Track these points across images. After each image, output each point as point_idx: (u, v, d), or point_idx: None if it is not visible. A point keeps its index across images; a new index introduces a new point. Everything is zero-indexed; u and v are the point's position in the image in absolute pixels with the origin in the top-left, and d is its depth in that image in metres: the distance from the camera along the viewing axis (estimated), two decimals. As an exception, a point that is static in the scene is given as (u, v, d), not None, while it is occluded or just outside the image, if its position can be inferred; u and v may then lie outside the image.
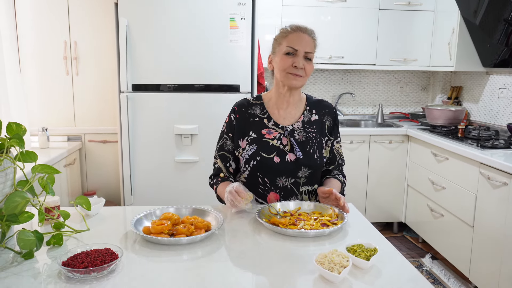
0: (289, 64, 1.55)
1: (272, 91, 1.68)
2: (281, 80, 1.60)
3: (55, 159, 2.72)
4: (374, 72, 3.96)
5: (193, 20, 2.81)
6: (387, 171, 3.44)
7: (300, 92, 1.69)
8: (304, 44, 1.56)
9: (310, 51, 1.57)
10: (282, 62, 1.57)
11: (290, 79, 1.57)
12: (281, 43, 1.59)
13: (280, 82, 1.61)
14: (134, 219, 1.32)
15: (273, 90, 1.68)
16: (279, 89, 1.64)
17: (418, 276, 1.07)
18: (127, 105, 2.82)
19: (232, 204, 1.45)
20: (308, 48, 1.56)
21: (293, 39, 1.56)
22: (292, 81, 1.57)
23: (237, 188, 1.45)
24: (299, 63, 1.54)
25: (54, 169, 1.22)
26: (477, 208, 2.51)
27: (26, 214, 1.17)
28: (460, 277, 2.80)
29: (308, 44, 1.57)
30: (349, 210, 1.46)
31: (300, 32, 1.57)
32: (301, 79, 1.57)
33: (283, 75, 1.58)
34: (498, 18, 2.84)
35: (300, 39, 1.56)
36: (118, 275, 1.04)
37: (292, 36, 1.57)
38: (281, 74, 1.58)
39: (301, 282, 1.03)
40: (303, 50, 1.55)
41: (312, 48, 1.58)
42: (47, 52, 3.11)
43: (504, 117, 3.17)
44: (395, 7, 3.50)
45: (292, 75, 1.56)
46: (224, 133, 1.70)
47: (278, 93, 1.65)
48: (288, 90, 1.62)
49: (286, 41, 1.57)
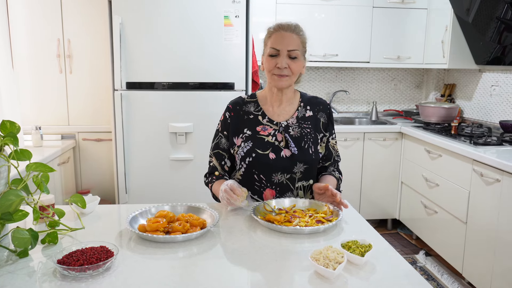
0: (273, 65, 1.56)
1: (266, 90, 1.69)
2: (269, 81, 1.62)
3: (49, 158, 2.71)
4: (368, 70, 3.98)
5: (188, 18, 2.80)
6: (381, 169, 3.46)
7: (293, 90, 1.69)
8: (286, 43, 1.54)
9: (293, 49, 1.54)
10: (267, 64, 1.58)
11: (275, 81, 1.58)
12: (266, 44, 1.60)
13: (269, 82, 1.63)
14: (129, 217, 1.32)
15: (266, 88, 1.69)
16: (271, 89, 1.65)
17: (412, 272, 1.08)
18: (121, 103, 2.81)
19: (228, 202, 1.45)
20: (291, 46, 1.54)
21: (275, 40, 1.56)
22: (277, 82, 1.58)
23: (231, 185, 1.46)
24: (282, 63, 1.54)
25: (49, 167, 1.21)
26: (470, 205, 2.53)
27: (21, 213, 1.16)
28: (453, 273, 2.83)
29: (291, 42, 1.55)
30: (347, 205, 1.46)
31: (282, 31, 1.56)
32: (286, 78, 1.57)
33: (269, 77, 1.60)
34: (491, 16, 2.86)
35: (282, 38, 1.55)
36: (113, 272, 1.04)
37: (274, 36, 1.57)
38: (268, 76, 1.61)
39: (297, 278, 1.04)
40: (285, 49, 1.54)
41: (297, 45, 1.56)
42: (40, 50, 3.09)
43: (497, 114, 3.20)
44: (389, 5, 3.51)
45: (277, 76, 1.57)
46: (219, 131, 1.71)
47: (271, 93, 1.66)
48: (279, 90, 1.63)
49: (270, 42, 1.57)
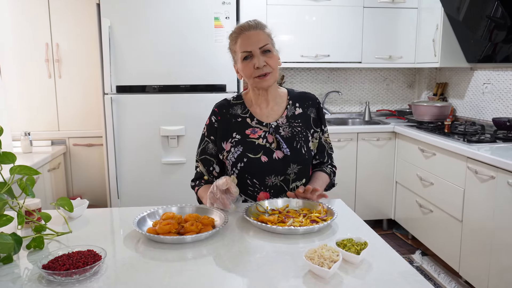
0: (251, 68, 1.50)
1: (250, 92, 1.64)
2: (253, 86, 1.57)
3: (39, 164, 2.67)
4: (360, 70, 3.97)
5: (177, 20, 2.78)
6: (375, 169, 3.45)
7: (277, 87, 1.65)
8: (255, 41, 1.50)
9: (264, 44, 1.50)
10: (245, 69, 1.52)
11: (260, 83, 1.53)
12: (236, 50, 1.55)
13: (254, 87, 1.58)
14: (136, 219, 1.29)
15: (250, 91, 1.64)
16: (255, 91, 1.60)
17: (409, 269, 1.06)
18: (112, 107, 2.78)
19: (221, 202, 1.40)
20: (260, 42, 1.50)
21: (242, 42, 1.51)
22: (262, 83, 1.53)
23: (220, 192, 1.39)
24: (259, 62, 1.49)
25: (34, 170, 1.18)
26: (465, 203, 2.52)
27: (5, 218, 1.13)
28: (450, 272, 2.81)
29: (259, 38, 1.50)
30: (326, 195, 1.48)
31: (246, 31, 1.52)
32: (269, 76, 1.52)
33: (252, 81, 1.54)
34: (481, 15, 2.86)
35: (249, 38, 1.50)
36: (101, 277, 1.01)
37: (240, 39, 1.52)
38: (250, 80, 1.55)
39: (291, 278, 1.01)
40: (256, 48, 1.49)
41: (265, 40, 1.51)
42: (28, 54, 3.05)
43: (489, 112, 3.20)
44: (379, 4, 3.51)
45: (259, 78, 1.52)
46: (206, 136, 1.65)
47: (256, 95, 1.61)
48: (264, 90, 1.58)
49: (238, 47, 1.52)
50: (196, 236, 1.20)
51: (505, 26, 2.74)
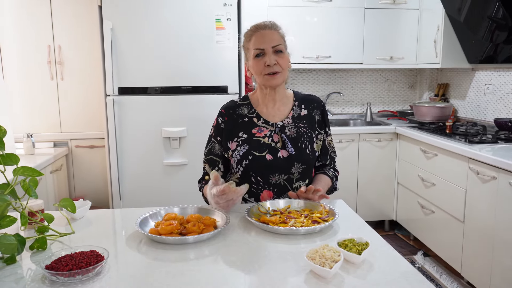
0: (262, 65, 1.55)
1: (257, 92, 1.68)
2: (262, 84, 1.60)
3: (41, 165, 2.67)
4: (362, 71, 3.97)
5: (179, 21, 2.79)
6: (377, 170, 3.45)
7: (285, 88, 1.68)
8: (268, 40, 1.54)
9: (277, 44, 1.55)
10: (256, 66, 1.57)
11: (269, 80, 1.57)
12: (249, 47, 1.60)
13: (262, 84, 1.61)
14: (138, 219, 1.29)
15: (257, 90, 1.67)
16: (263, 90, 1.64)
17: (411, 270, 1.06)
18: (114, 109, 2.78)
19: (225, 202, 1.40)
20: (274, 42, 1.55)
21: (257, 40, 1.56)
22: (271, 81, 1.57)
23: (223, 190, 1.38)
24: (270, 60, 1.53)
25: (37, 171, 1.19)
26: (467, 203, 2.52)
27: (8, 219, 1.13)
28: (452, 273, 2.81)
29: (273, 38, 1.55)
30: (327, 196, 1.48)
31: (261, 30, 1.57)
32: (279, 75, 1.56)
33: (261, 78, 1.58)
34: (482, 15, 2.86)
35: (263, 37, 1.55)
36: (104, 277, 1.01)
37: (254, 37, 1.57)
38: (259, 78, 1.58)
39: (293, 278, 1.01)
40: (269, 46, 1.54)
41: (279, 40, 1.56)
42: (30, 57, 3.06)
43: (491, 113, 3.20)
44: (381, 6, 3.51)
45: (269, 75, 1.56)
46: (212, 137, 1.68)
47: (263, 94, 1.64)
48: (272, 89, 1.61)
49: (252, 44, 1.57)
50: (198, 236, 1.20)
51: (507, 26, 2.74)
